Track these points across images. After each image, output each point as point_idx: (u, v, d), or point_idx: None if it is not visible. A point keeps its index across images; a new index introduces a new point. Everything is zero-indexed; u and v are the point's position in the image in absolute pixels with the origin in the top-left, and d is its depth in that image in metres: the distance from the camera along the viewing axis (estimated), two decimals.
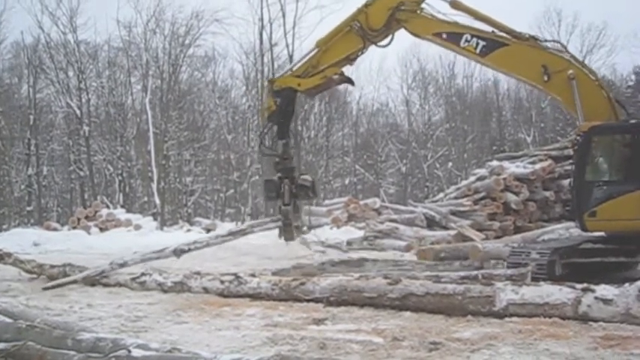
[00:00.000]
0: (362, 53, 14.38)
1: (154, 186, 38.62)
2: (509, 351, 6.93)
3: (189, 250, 14.98)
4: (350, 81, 16.00)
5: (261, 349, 7.29)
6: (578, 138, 12.70)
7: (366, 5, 13.88)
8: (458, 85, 60.12)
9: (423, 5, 13.57)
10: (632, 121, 12.26)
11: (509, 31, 13.16)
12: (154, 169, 38.93)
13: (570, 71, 12.34)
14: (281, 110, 14.47)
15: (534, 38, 13.29)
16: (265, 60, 41.26)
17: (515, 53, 12.99)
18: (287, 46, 38.18)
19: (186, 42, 44.26)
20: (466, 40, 13.16)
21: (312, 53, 14.40)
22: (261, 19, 39.68)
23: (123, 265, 13.92)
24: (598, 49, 53.31)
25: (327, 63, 14.12)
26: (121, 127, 45.67)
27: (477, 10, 13.26)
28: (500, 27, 13.19)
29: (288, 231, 14.75)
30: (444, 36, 13.45)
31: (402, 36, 14.25)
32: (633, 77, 58.09)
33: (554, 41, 13.88)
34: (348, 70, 15.29)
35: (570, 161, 14.98)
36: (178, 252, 14.73)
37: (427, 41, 14.11)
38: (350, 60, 14.44)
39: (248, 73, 50.39)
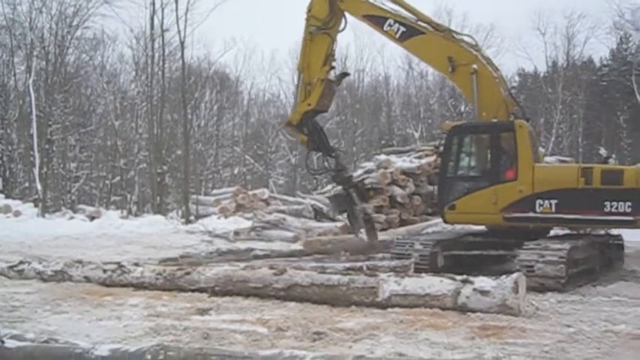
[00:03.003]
0: (335, 45, 15.15)
1: (36, 171, 37.20)
2: (390, 341, 7.06)
3: None
4: (347, 74, 18.29)
5: (143, 339, 7.17)
6: (443, 135, 13.48)
7: (308, 10, 14.78)
8: (349, 78, 60.71)
9: None
10: (494, 121, 12.85)
11: (429, 22, 14.13)
12: (37, 154, 37.50)
13: (474, 66, 13.14)
14: (313, 136, 15.05)
15: (450, 31, 14.27)
16: (156, 45, 40.53)
17: (428, 42, 13.83)
18: (179, 32, 37.55)
19: (74, 23, 42.56)
20: (389, 25, 14.03)
21: (300, 78, 15.15)
22: (153, 4, 38.92)
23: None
24: (486, 50, 54.72)
25: (316, 72, 14.73)
26: (2, 109, 43.76)
27: (406, 1, 14.21)
28: (422, 17, 14.09)
29: (371, 228, 15.13)
30: (371, 18, 14.37)
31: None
32: (517, 78, 60.32)
33: (468, 36, 14.69)
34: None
35: None
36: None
37: (359, 21, 14.86)
38: (331, 56, 15.02)
39: (138, 58, 49.22)
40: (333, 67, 15.06)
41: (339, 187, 15.61)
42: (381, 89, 62.29)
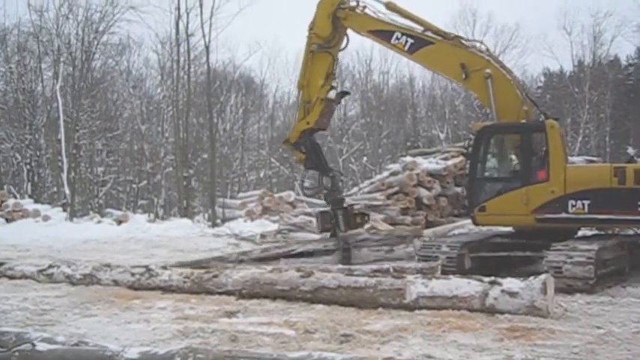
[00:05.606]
0: (337, 64, 15.16)
1: (64, 176, 37.58)
2: (418, 342, 7.05)
3: None
4: (347, 93, 19.02)
5: (172, 342, 7.22)
6: (471, 136, 13.33)
7: (310, 28, 14.68)
8: (374, 80, 60.69)
9: (364, 5, 14.40)
10: (524, 122, 12.74)
11: (437, 31, 13.88)
12: (64, 159, 37.87)
13: (487, 70, 12.94)
14: (311, 154, 15.03)
15: (459, 38, 14.01)
16: (181, 50, 40.80)
17: (438, 51, 13.67)
18: (204, 36, 37.84)
19: (100, 29, 42.92)
20: (396, 38, 13.90)
21: (300, 96, 15.19)
22: (178, 9, 39.20)
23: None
24: (510, 50, 54.62)
25: (316, 90, 14.67)
26: (30, 115, 44.11)
27: (409, 11, 14.01)
28: (429, 27, 13.89)
29: (347, 256, 14.48)
30: (378, 33, 14.30)
31: None
32: (542, 78, 59.95)
33: (477, 41, 14.48)
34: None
35: None
36: None
37: (365, 37, 14.86)
38: (332, 75, 14.99)
39: (163, 63, 49.57)
40: (333, 87, 14.98)
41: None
42: (406, 91, 62.09)
